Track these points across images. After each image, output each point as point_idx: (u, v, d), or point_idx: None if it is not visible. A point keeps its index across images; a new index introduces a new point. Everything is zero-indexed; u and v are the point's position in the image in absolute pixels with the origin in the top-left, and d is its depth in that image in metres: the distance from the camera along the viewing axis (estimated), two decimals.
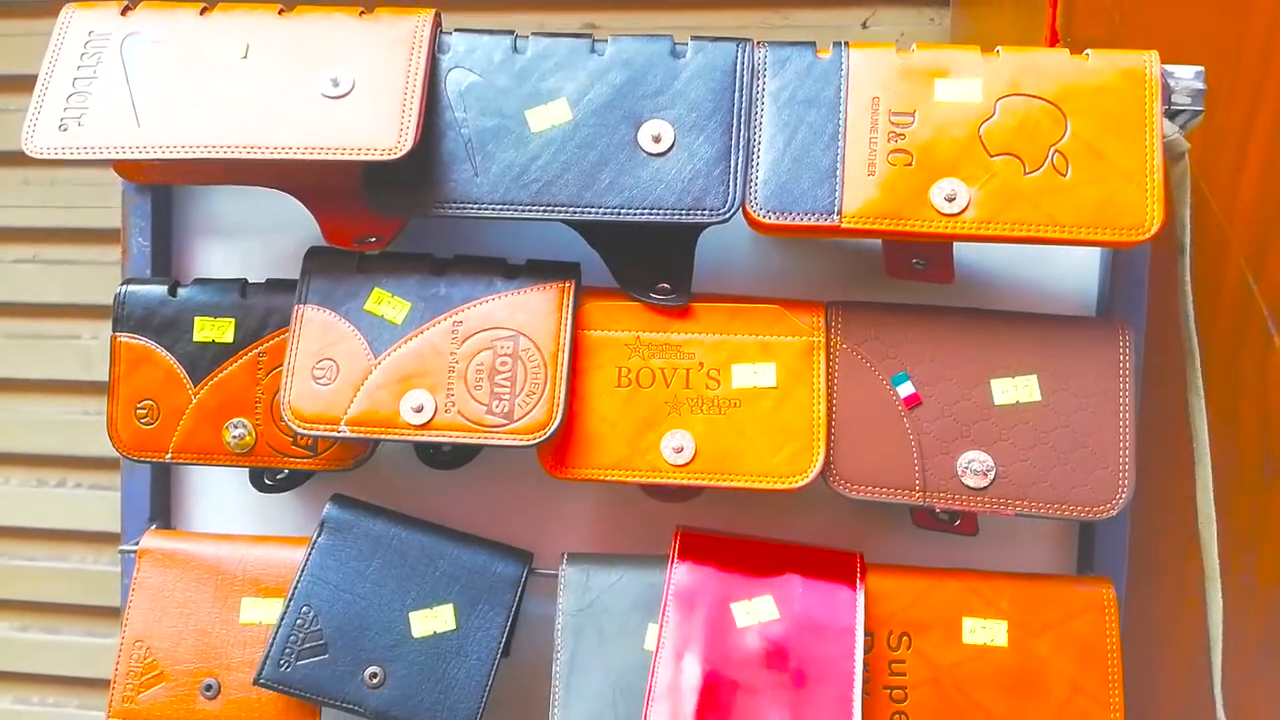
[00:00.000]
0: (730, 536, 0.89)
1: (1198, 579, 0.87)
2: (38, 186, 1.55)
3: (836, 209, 0.80)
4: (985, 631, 0.84)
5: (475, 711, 0.84)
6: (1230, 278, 0.95)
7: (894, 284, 0.89)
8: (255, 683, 0.83)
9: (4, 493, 1.60)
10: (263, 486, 0.94)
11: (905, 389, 0.83)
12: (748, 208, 0.81)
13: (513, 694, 0.99)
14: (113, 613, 1.58)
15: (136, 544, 0.91)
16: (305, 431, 0.83)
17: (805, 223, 0.80)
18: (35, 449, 1.59)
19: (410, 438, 0.83)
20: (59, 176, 1.55)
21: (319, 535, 0.87)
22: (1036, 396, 0.82)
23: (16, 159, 1.52)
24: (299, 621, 0.84)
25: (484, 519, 0.95)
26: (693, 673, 0.81)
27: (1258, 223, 0.95)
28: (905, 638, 0.85)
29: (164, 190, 0.96)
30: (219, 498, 0.98)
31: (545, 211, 0.83)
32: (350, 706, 0.83)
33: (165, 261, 0.96)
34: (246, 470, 0.94)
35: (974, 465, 0.81)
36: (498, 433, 0.83)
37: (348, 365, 0.84)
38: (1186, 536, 0.87)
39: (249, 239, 0.96)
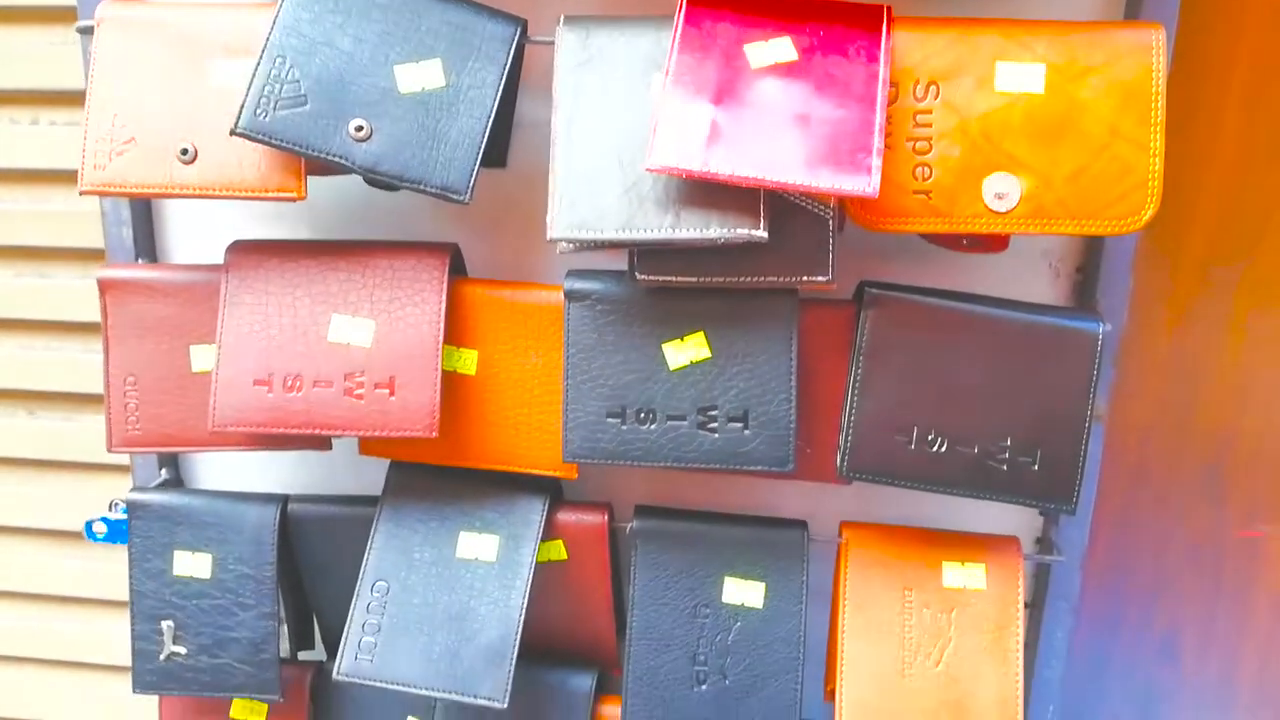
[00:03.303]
0: None
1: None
2: None
3: None
4: (1020, 77, 0.77)
5: (469, 170, 0.79)
6: None
7: None
8: (232, 133, 0.77)
9: None
10: None
11: None
12: None
13: (510, 205, 0.95)
14: (101, 255, 1.55)
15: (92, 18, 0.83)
16: None
17: None
18: (3, 85, 1.49)
19: None
20: None
21: None
22: None
23: None
24: (274, 73, 0.78)
25: None
26: (702, 109, 0.74)
27: None
28: (933, 87, 0.78)
29: None
30: None
31: None
32: (337, 159, 0.78)
33: None
34: None
35: None
36: None
37: None
38: None
39: None
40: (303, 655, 1.06)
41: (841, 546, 0.91)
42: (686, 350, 0.84)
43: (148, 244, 0.98)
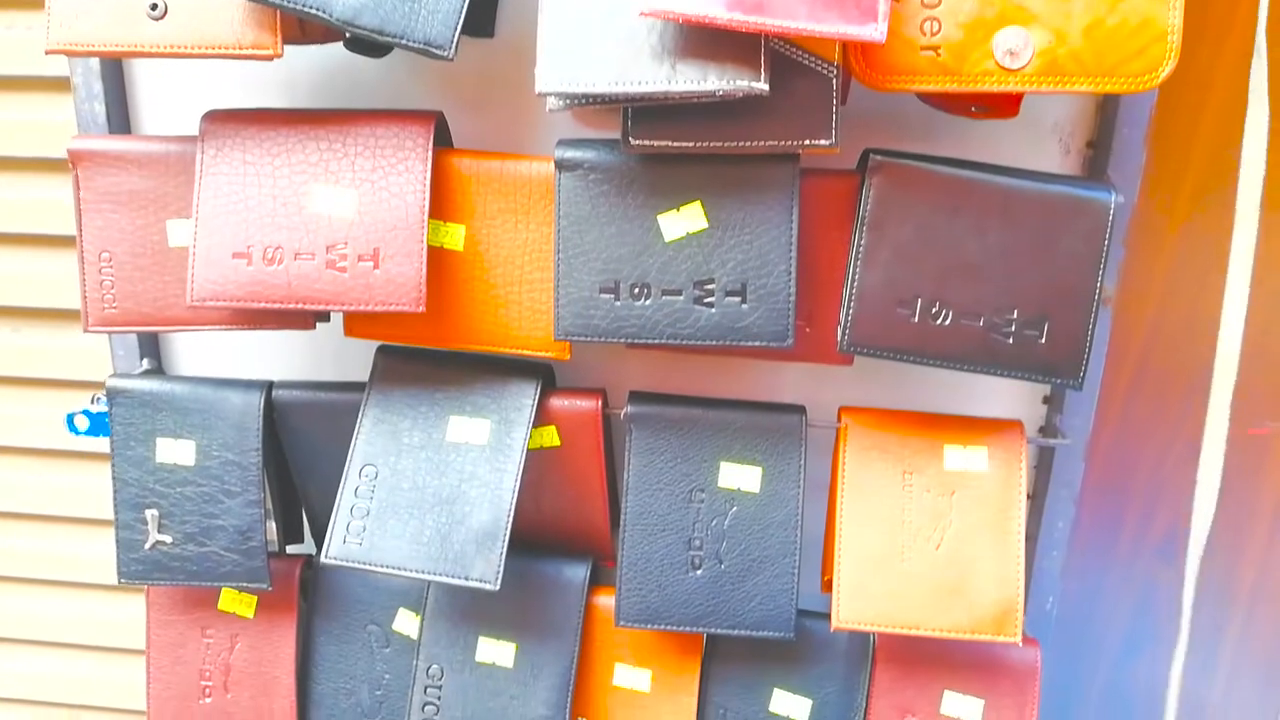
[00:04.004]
0: None
1: None
2: None
3: None
4: None
5: (453, 24, 0.75)
6: None
7: None
8: None
9: None
10: None
11: None
12: None
13: (498, 76, 0.91)
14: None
15: None
16: None
17: None
18: None
19: None
20: None
21: None
22: None
23: None
24: None
25: None
26: None
27: None
28: None
29: None
30: None
31: None
32: (313, 11, 0.74)
33: None
34: None
35: None
36: None
37: None
38: None
39: None
40: (292, 550, 1.05)
41: (841, 431, 0.89)
42: (682, 221, 0.80)
43: (121, 121, 0.94)
